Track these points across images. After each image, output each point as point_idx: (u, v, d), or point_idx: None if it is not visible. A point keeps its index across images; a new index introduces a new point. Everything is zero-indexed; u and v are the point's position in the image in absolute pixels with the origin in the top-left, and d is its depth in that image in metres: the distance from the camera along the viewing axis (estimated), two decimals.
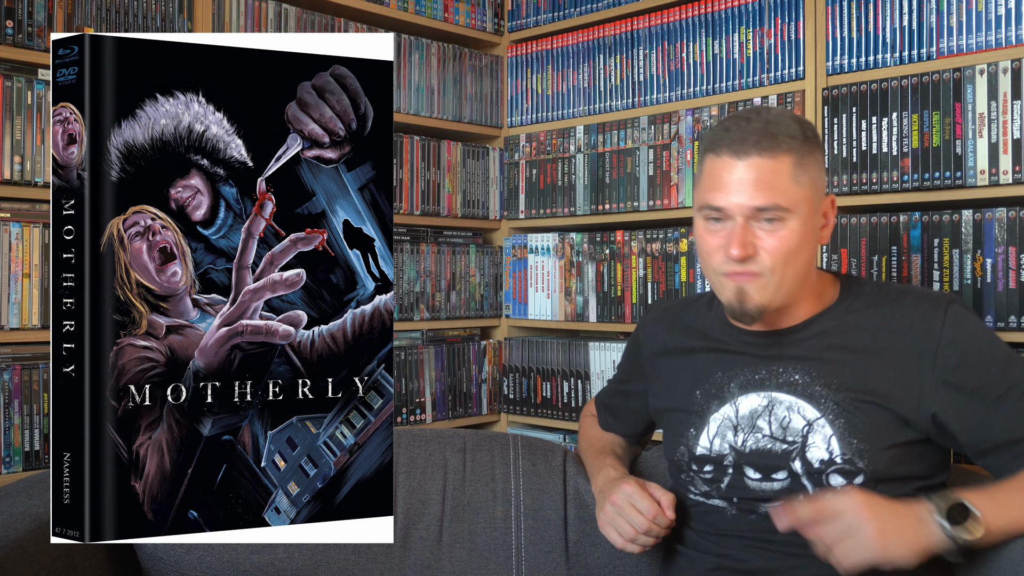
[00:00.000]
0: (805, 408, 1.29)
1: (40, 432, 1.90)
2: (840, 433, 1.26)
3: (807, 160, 1.27)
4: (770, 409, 1.31)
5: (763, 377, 1.33)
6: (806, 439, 1.28)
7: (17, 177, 1.88)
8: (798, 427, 1.29)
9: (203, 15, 2.13)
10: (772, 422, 1.31)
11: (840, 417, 1.27)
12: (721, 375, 1.37)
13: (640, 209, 2.40)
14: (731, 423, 1.34)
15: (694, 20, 2.32)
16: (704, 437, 1.36)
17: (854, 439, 1.26)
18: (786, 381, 1.31)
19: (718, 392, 1.36)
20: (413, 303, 2.54)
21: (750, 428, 1.32)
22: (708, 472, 1.36)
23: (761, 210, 1.24)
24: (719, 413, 1.35)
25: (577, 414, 2.53)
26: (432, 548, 1.48)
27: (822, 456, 1.27)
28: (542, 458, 1.58)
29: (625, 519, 1.30)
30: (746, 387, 1.34)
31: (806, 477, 1.28)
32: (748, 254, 1.24)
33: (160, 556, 1.39)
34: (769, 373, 1.33)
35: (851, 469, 1.25)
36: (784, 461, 1.29)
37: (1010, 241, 1.82)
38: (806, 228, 1.26)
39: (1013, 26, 1.83)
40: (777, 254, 1.25)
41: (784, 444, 1.29)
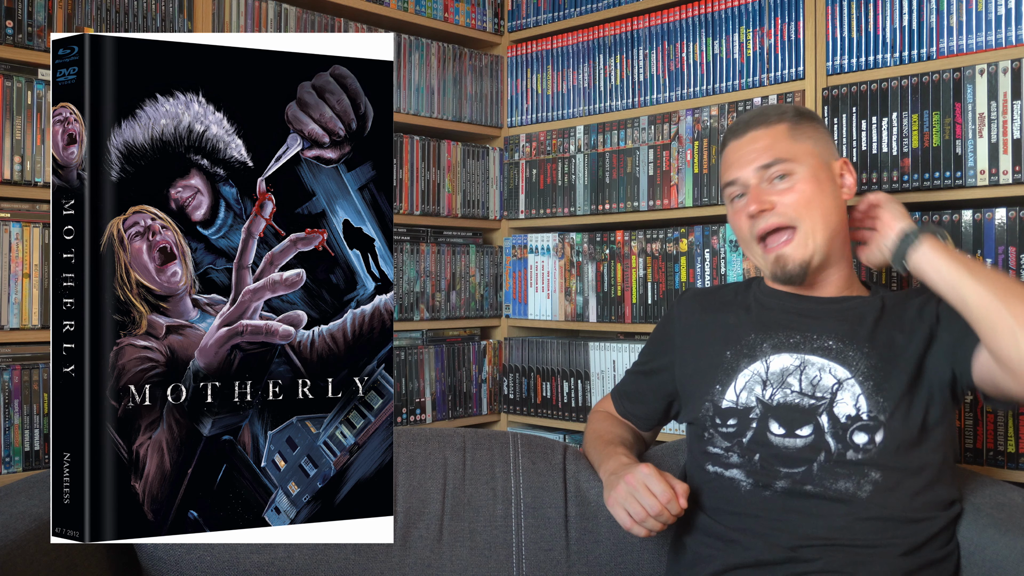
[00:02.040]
0: (837, 369, 1.33)
1: (40, 432, 1.90)
2: (868, 392, 1.30)
3: (802, 126, 1.39)
4: (802, 369, 1.35)
5: (798, 341, 1.37)
6: (835, 396, 1.31)
7: (17, 177, 1.88)
8: (828, 384, 1.32)
9: (203, 15, 2.13)
10: (803, 380, 1.34)
11: (870, 379, 1.31)
12: (755, 337, 1.40)
13: (640, 209, 2.40)
14: (760, 378, 1.37)
15: (694, 20, 2.32)
16: (731, 391, 1.39)
17: (880, 397, 1.30)
18: (820, 346, 1.35)
19: (750, 352, 1.40)
20: (413, 303, 2.54)
21: (779, 384, 1.35)
22: (731, 426, 1.37)
23: (766, 167, 1.36)
24: (748, 369, 1.38)
25: (577, 414, 2.53)
26: (432, 547, 1.48)
27: (849, 412, 1.30)
28: (542, 456, 1.58)
29: (638, 500, 1.28)
30: (779, 348, 1.37)
31: (831, 433, 1.30)
32: (763, 208, 1.35)
33: (160, 556, 1.39)
34: (804, 338, 1.37)
35: (873, 424, 1.29)
36: (811, 416, 1.32)
37: (1010, 241, 1.82)
38: (817, 179, 1.36)
39: (1013, 26, 1.83)
40: (796, 204, 1.34)
41: (812, 399, 1.32)
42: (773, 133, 1.38)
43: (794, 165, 1.35)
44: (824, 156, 1.39)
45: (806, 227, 1.34)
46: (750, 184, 1.37)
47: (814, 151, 1.38)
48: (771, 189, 1.36)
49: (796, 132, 1.38)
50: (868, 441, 1.28)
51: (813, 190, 1.35)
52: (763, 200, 1.35)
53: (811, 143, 1.38)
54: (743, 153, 1.39)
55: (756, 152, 1.37)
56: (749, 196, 1.37)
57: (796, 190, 1.35)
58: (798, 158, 1.36)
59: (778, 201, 1.35)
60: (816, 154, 1.38)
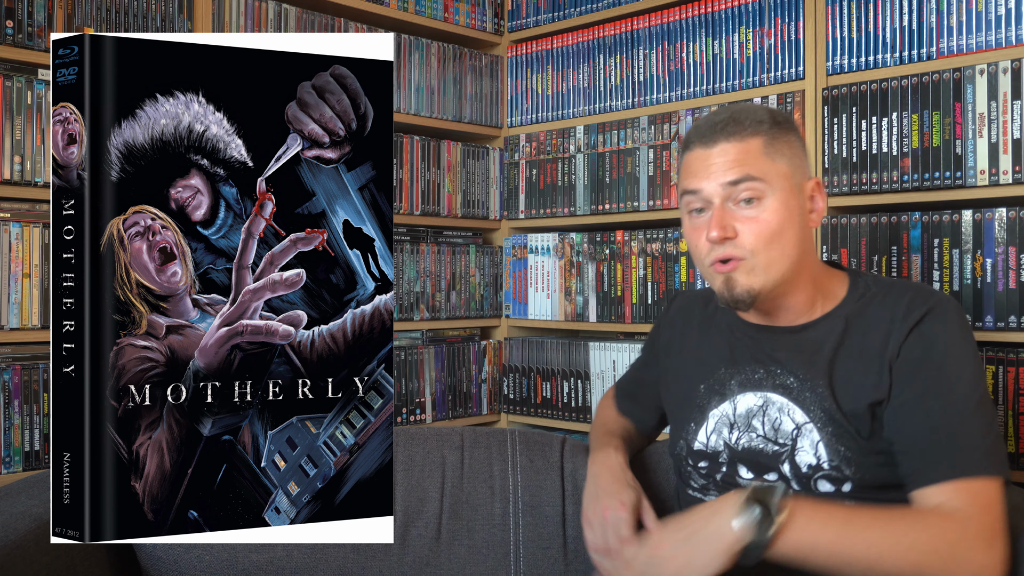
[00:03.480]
0: (795, 412, 1.28)
1: (40, 432, 1.90)
2: (827, 440, 1.25)
3: (779, 142, 1.26)
4: (764, 409, 1.31)
5: (761, 377, 1.33)
6: (795, 442, 1.27)
7: (17, 177, 1.88)
8: (788, 430, 1.28)
9: (203, 15, 2.13)
10: (765, 422, 1.30)
11: (828, 425, 1.25)
12: (724, 371, 1.37)
13: (640, 209, 2.40)
14: (728, 420, 1.34)
15: (694, 20, 2.32)
16: (702, 432, 1.37)
17: (841, 446, 1.24)
18: (781, 383, 1.30)
19: (720, 388, 1.36)
20: (413, 303, 2.54)
21: (745, 427, 1.32)
22: (703, 468, 1.36)
23: (735, 184, 1.23)
24: (718, 410, 1.36)
25: (577, 414, 2.53)
26: (431, 546, 1.48)
27: (810, 461, 1.26)
28: (539, 454, 1.58)
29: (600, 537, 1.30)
30: (745, 386, 1.34)
31: (795, 480, 1.27)
32: (727, 235, 1.23)
33: (160, 556, 1.40)
34: (767, 373, 1.32)
35: (838, 476, 1.24)
36: (775, 462, 1.29)
37: (1010, 241, 1.82)
38: (787, 207, 1.24)
39: (1013, 26, 1.83)
40: (759, 235, 1.23)
41: (775, 445, 1.29)
42: (747, 148, 1.24)
43: (764, 188, 1.23)
44: (797, 177, 1.27)
45: (762, 259, 1.23)
46: (713, 202, 1.25)
47: (787, 172, 1.25)
48: (736, 212, 1.24)
49: (772, 149, 1.25)
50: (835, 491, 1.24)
51: (780, 221, 1.23)
52: (726, 226, 1.23)
53: (785, 163, 1.25)
54: (710, 164, 1.25)
55: (725, 166, 1.24)
56: (712, 217, 1.24)
57: (761, 221, 1.23)
58: (770, 180, 1.23)
59: (741, 230, 1.24)
60: (789, 176, 1.25)
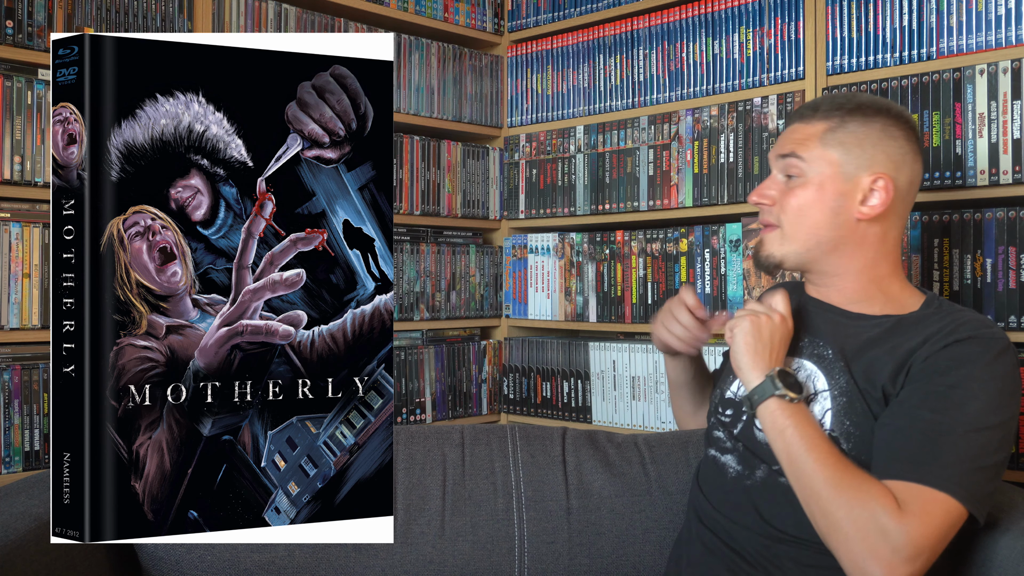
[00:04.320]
0: (819, 379, 1.32)
1: (40, 432, 1.90)
2: (836, 411, 1.28)
3: (843, 130, 1.34)
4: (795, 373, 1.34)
5: (804, 344, 1.36)
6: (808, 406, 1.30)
7: (17, 177, 1.88)
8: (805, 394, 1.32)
9: (203, 15, 2.13)
10: None
11: (844, 396, 1.28)
12: None
13: (640, 209, 2.40)
14: None
15: (694, 20, 2.32)
16: (736, 384, 1.43)
17: (847, 420, 1.27)
18: (819, 353, 1.34)
19: None
20: (413, 303, 2.54)
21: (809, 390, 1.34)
22: (728, 416, 1.42)
23: (783, 158, 1.37)
24: None
25: (577, 414, 2.53)
26: (434, 543, 1.48)
27: None
28: (541, 449, 1.58)
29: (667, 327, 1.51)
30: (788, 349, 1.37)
31: None
32: (761, 201, 1.38)
33: (160, 556, 1.40)
34: (809, 342, 1.36)
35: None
36: None
37: (1010, 241, 1.82)
38: (821, 191, 1.33)
39: (1013, 26, 1.83)
40: (788, 209, 1.35)
41: None
42: (809, 130, 1.36)
43: (804, 167, 1.34)
44: (849, 167, 1.32)
45: (787, 232, 1.35)
46: (772, 169, 1.40)
47: (837, 161, 1.33)
48: (781, 184, 1.38)
49: (831, 136, 1.34)
50: None
51: (810, 200, 1.34)
52: (764, 195, 1.38)
53: (840, 151, 1.33)
54: (782, 137, 1.40)
55: (786, 141, 1.38)
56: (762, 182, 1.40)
57: (794, 195, 1.35)
58: (813, 162, 1.34)
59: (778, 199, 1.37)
60: (838, 164, 1.33)
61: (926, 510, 1.13)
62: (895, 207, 1.34)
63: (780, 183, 1.38)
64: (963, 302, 1.87)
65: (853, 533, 1.13)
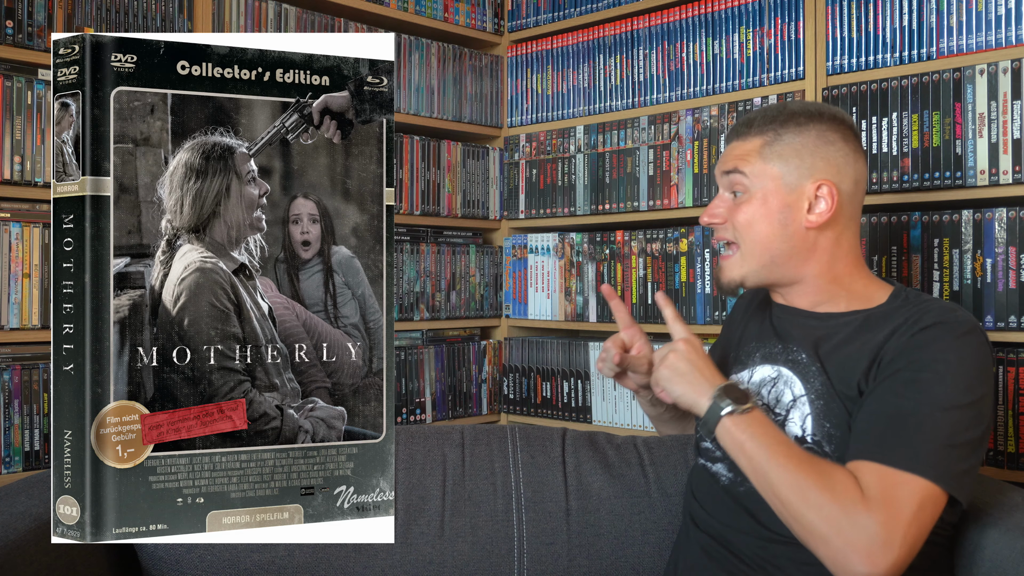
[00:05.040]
0: (796, 384, 1.31)
1: (40, 432, 1.90)
2: (816, 414, 1.28)
3: (780, 143, 1.34)
4: (775, 381, 1.34)
5: (778, 351, 1.37)
6: (788, 414, 1.30)
7: (17, 177, 1.88)
8: (786, 401, 1.32)
9: (203, 15, 2.13)
10: (772, 393, 1.34)
11: (821, 399, 1.28)
12: (753, 345, 1.42)
13: (640, 209, 2.40)
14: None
15: (694, 20, 2.32)
16: None
17: (827, 423, 1.27)
18: (794, 358, 1.34)
19: (745, 359, 1.41)
20: (413, 303, 2.54)
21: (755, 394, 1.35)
22: None
23: (727, 173, 1.37)
24: (737, 376, 1.40)
25: (577, 414, 2.53)
26: (434, 543, 1.48)
27: (796, 433, 1.29)
28: (540, 449, 1.58)
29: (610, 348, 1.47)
30: (765, 358, 1.38)
31: None
32: (712, 221, 1.38)
33: (160, 555, 1.40)
34: (784, 348, 1.36)
35: (818, 452, 1.26)
36: None
37: (1010, 241, 1.82)
38: (766, 203, 1.33)
39: (1013, 26, 1.83)
40: (738, 225, 1.35)
41: (772, 415, 1.32)
42: (747, 147, 1.36)
43: (747, 183, 1.34)
44: (791, 178, 1.33)
45: (745, 249, 1.36)
46: (719, 187, 1.40)
47: (778, 173, 1.33)
48: (729, 201, 1.38)
49: (769, 150, 1.34)
50: None
51: (758, 215, 1.34)
52: (713, 214, 1.38)
53: (779, 163, 1.33)
54: (724, 155, 1.41)
55: (727, 158, 1.38)
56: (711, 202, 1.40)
57: (742, 211, 1.35)
58: (755, 177, 1.34)
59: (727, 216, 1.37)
60: (779, 177, 1.33)
61: (892, 494, 1.13)
62: (843, 210, 1.34)
63: (728, 200, 1.38)
64: (963, 302, 1.87)
65: (828, 532, 1.13)
